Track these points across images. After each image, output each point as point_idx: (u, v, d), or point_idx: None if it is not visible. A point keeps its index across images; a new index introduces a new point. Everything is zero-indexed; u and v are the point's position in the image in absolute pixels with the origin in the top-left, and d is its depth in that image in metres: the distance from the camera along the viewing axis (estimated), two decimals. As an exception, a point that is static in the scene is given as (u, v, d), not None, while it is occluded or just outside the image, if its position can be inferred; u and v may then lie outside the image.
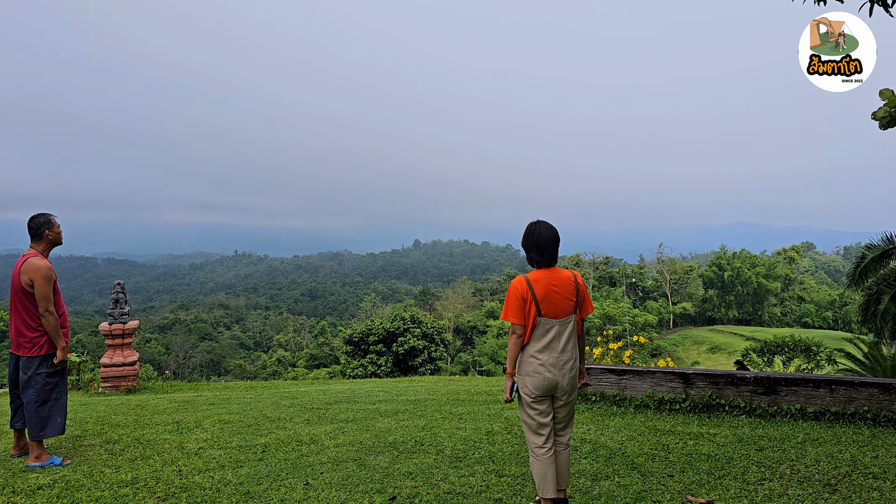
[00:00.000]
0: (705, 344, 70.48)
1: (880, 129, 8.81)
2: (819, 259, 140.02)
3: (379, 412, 8.00)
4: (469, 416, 7.55)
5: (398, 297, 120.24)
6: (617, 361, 11.17)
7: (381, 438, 6.36)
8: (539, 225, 4.13)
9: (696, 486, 4.83)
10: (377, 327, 31.12)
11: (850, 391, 6.89)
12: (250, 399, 9.63)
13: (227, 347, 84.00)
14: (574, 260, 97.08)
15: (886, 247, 12.37)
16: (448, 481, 4.93)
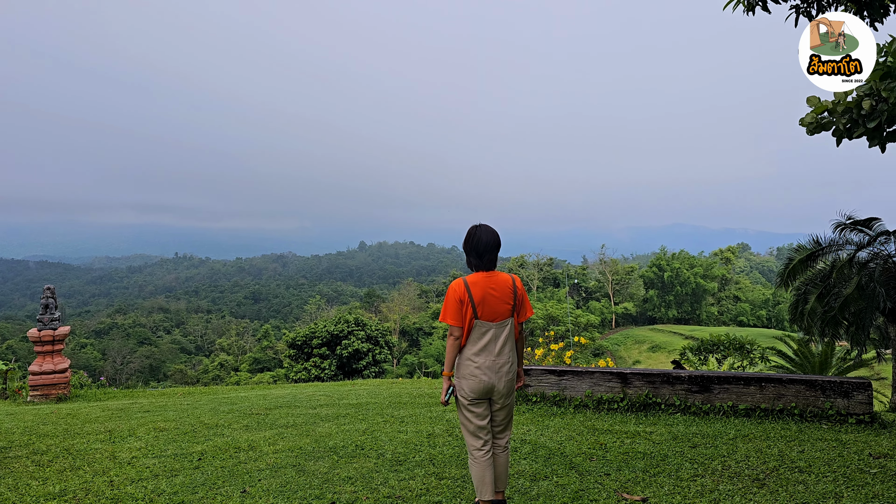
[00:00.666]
0: (646, 343, 72.01)
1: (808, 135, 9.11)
2: (754, 259, 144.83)
3: (320, 416, 7.92)
4: (411, 420, 7.54)
5: (343, 299, 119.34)
6: (558, 362, 11.32)
7: (322, 443, 6.29)
8: (480, 228, 4.14)
9: (631, 483, 4.92)
10: (321, 330, 30.79)
11: (778, 388, 7.15)
12: (187, 405, 9.40)
13: (166, 352, 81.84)
14: (519, 261, 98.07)
15: (813, 249, 12.86)
16: (388, 485, 4.90)
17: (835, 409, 6.96)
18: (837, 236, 12.51)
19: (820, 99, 8.86)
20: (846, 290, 11.55)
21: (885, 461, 5.44)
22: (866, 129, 8.38)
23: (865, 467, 5.26)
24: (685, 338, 59.80)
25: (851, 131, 8.56)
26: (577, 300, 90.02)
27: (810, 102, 8.89)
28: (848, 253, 12.37)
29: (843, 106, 8.63)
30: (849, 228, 12.25)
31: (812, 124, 8.82)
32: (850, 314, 11.93)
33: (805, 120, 8.91)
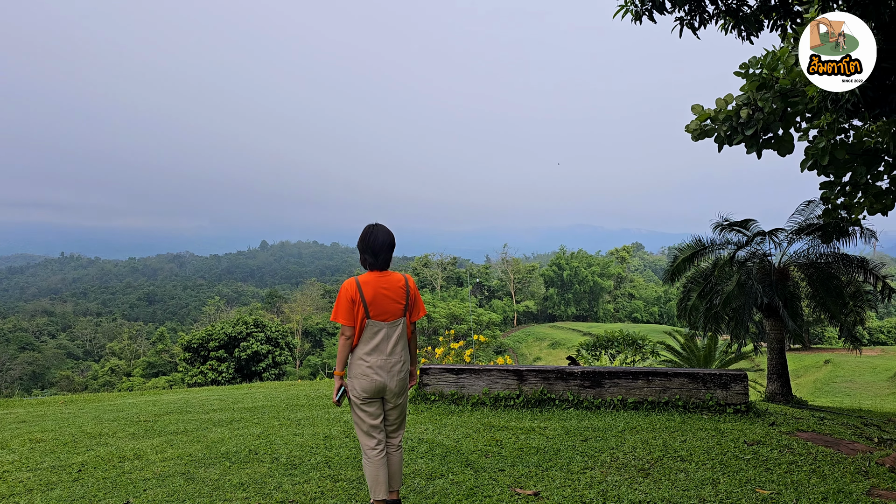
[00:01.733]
0: (546, 340, 73.93)
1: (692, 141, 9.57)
2: (647, 258, 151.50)
3: (213, 422, 7.65)
4: (308, 422, 7.41)
5: (244, 300, 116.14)
6: (459, 360, 11.43)
7: (213, 449, 6.08)
8: (376, 228, 4.14)
9: (525, 478, 5.02)
10: (218, 332, 29.80)
11: (664, 381, 7.50)
12: (69, 414, 8.87)
13: (51, 358, 76.96)
14: (423, 261, 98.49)
15: (696, 248, 13.60)
16: (282, 490, 4.79)
17: (715, 400, 7.37)
18: (718, 236, 13.28)
19: (703, 107, 9.38)
20: (727, 288, 12.27)
21: (757, 448, 5.81)
22: (744, 136, 8.94)
23: (740, 454, 5.60)
24: (583, 334, 61.81)
25: (731, 138, 9.10)
26: (480, 299, 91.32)
27: (694, 110, 9.40)
28: (728, 252, 13.15)
29: (724, 114, 9.17)
30: (728, 229, 13.01)
31: (696, 131, 9.33)
32: (731, 310, 12.69)
33: (690, 126, 9.41)
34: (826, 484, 4.76)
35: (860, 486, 4.70)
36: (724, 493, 4.61)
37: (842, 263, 12.38)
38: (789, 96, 8.42)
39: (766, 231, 12.77)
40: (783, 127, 8.68)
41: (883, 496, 4.48)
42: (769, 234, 12.79)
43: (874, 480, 4.88)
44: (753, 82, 8.61)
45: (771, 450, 5.76)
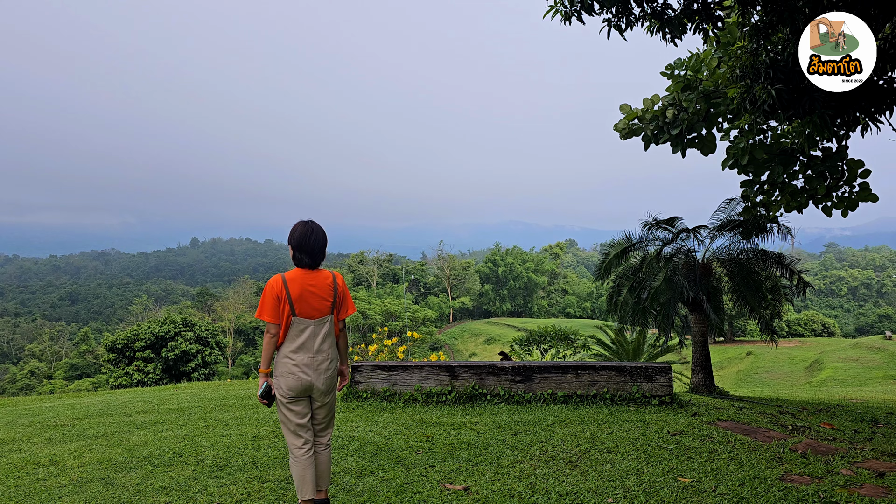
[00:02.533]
0: (482, 336, 74.58)
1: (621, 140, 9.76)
2: (580, 255, 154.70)
3: (135, 424, 7.39)
4: (236, 422, 7.25)
5: (174, 298, 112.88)
6: (392, 357, 11.39)
7: (135, 453, 5.87)
8: (308, 225, 4.09)
9: (455, 473, 5.04)
10: (144, 332, 28.84)
11: (592, 375, 7.66)
12: (-21, 420, 8.43)
13: (-37, 361, 73.06)
14: (358, 258, 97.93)
15: (626, 244, 13.96)
16: (207, 492, 4.67)
17: (641, 392, 7.57)
18: (646, 233, 13.67)
19: (631, 107, 9.61)
20: (655, 283, 12.63)
21: (680, 437, 5.99)
22: (670, 135, 9.21)
23: (664, 444, 5.76)
24: (518, 330, 62.63)
25: (658, 137, 9.36)
26: (416, 296, 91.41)
27: (622, 110, 9.62)
28: (656, 248, 13.55)
29: (651, 114, 9.42)
30: (655, 226, 13.41)
31: (624, 130, 9.56)
32: (658, 304, 13.08)
33: (618, 126, 9.64)
34: (743, 471, 4.95)
35: (774, 472, 4.91)
36: (648, 482, 4.74)
37: (761, 259, 12.93)
38: (712, 97, 8.72)
39: (691, 228, 13.22)
40: (706, 127, 8.98)
41: (795, 481, 4.69)
42: (693, 230, 13.25)
43: (787, 466, 5.10)
44: (678, 83, 8.89)
45: (693, 439, 5.95)
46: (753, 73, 7.18)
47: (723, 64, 8.46)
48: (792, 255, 13.74)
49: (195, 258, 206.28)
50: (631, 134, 9.54)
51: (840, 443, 6.14)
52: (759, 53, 7.21)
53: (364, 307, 69.10)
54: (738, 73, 7.60)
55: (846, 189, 8.54)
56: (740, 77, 7.45)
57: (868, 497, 4.34)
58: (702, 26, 7.57)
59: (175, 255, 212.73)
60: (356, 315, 66.71)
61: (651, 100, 9.23)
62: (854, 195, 8.47)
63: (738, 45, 7.76)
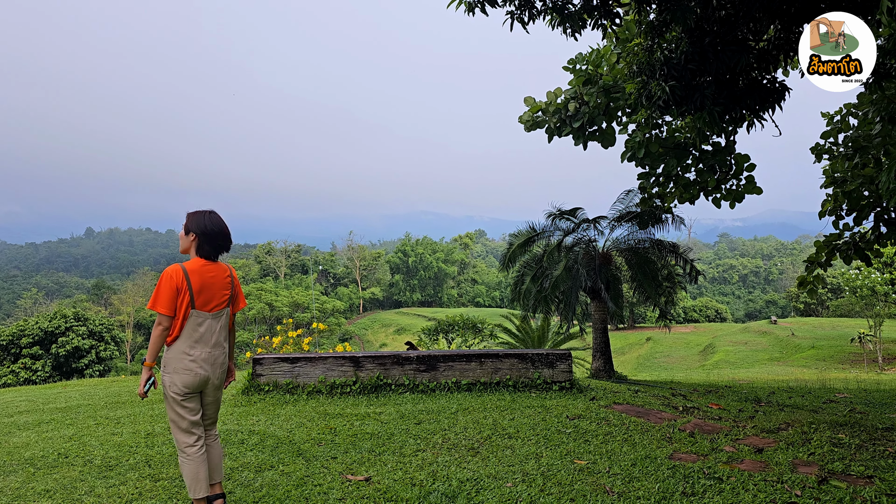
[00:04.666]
0: (392, 326, 74.63)
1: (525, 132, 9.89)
2: (489, 245, 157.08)
3: (17, 425, 6.94)
4: (128, 420, 6.93)
5: (67, 291, 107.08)
6: (297, 349, 11.21)
7: (16, 455, 5.51)
8: (213, 215, 3.96)
9: (357, 464, 5.00)
10: (31, 327, 27.14)
11: (496, 363, 7.78)
12: None
13: None
14: (266, 248, 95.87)
15: (530, 234, 14.29)
16: (94, 494, 4.44)
17: (542, 378, 7.76)
18: (549, 224, 14.02)
19: (535, 99, 9.78)
20: (556, 272, 12.98)
21: (578, 421, 6.18)
22: (572, 128, 9.42)
23: (563, 428, 5.93)
24: (428, 319, 62.96)
25: (560, 129, 9.56)
26: (325, 287, 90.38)
27: (527, 102, 9.78)
28: (558, 238, 13.91)
29: (554, 107, 9.61)
30: (559, 217, 13.77)
31: (528, 122, 9.72)
32: (560, 293, 13.46)
33: (522, 118, 9.79)
34: (636, 451, 5.15)
35: (664, 451, 5.14)
36: (546, 465, 4.86)
37: (657, 248, 13.52)
38: (611, 92, 8.99)
39: (591, 218, 13.67)
40: (606, 120, 9.25)
41: (682, 459, 4.93)
42: (594, 221, 13.70)
43: (676, 445, 5.36)
44: (580, 77, 9.11)
45: (590, 423, 6.15)
46: (649, 70, 7.45)
47: (621, 60, 8.74)
48: (687, 244, 14.44)
49: (90, 249, 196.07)
50: (535, 126, 9.71)
51: (725, 422, 6.49)
52: (654, 51, 7.49)
53: (271, 298, 67.71)
54: (635, 69, 7.87)
55: (734, 182, 9.02)
56: (637, 73, 7.71)
57: (748, 471, 4.61)
58: (601, 22, 7.79)
59: (68, 246, 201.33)
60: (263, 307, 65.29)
61: (554, 93, 9.42)
62: (741, 188, 8.97)
63: (635, 41, 8.03)
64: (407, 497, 4.26)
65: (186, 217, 3.97)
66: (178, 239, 4.05)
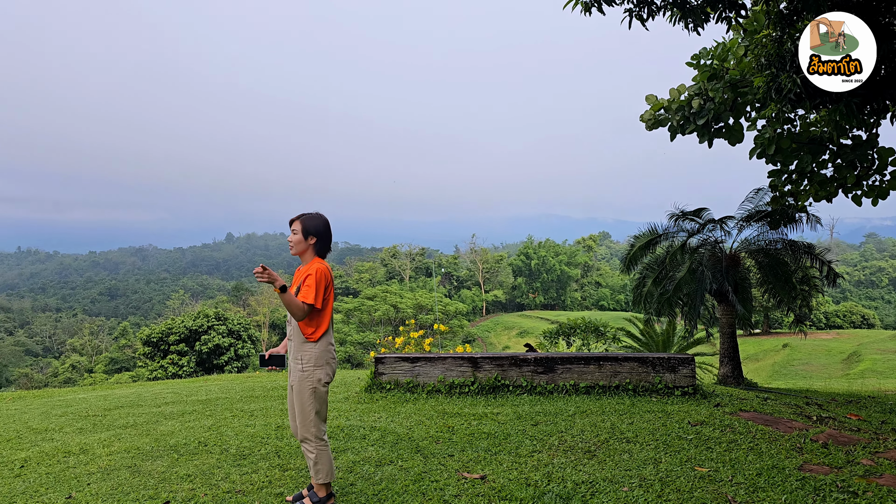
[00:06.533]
0: (515, 329, 74.51)
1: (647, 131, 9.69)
2: (613, 247, 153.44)
3: (164, 415, 7.61)
4: (261, 413, 7.42)
5: (210, 293, 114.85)
6: (419, 350, 11.51)
7: (162, 442, 6.05)
8: (323, 217, 4.26)
9: (473, 463, 5.11)
10: (178, 326, 29.47)
11: (615, 366, 7.66)
12: (15, 411, 8.74)
13: (8, 355, 75.19)
14: (391, 252, 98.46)
15: (651, 236, 13.88)
16: (229, 480, 4.81)
17: (663, 383, 7.56)
18: (672, 225, 13.57)
19: (657, 97, 9.53)
20: (679, 274, 12.53)
21: (700, 428, 5.98)
22: (696, 125, 9.11)
23: (684, 434, 5.76)
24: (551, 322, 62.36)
25: (684, 127, 9.26)
26: (448, 289, 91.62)
27: (648, 100, 9.55)
28: (681, 240, 13.43)
29: (677, 104, 9.32)
30: (682, 218, 13.30)
31: (650, 121, 9.48)
32: (684, 295, 12.99)
33: (644, 116, 9.57)
34: (762, 461, 4.93)
35: (793, 462, 4.89)
36: (665, 471, 4.76)
37: (790, 249, 12.74)
38: (739, 86, 8.61)
39: (717, 219, 13.09)
40: (733, 116, 8.87)
41: (813, 470, 4.67)
42: (720, 221, 13.12)
43: (807, 456, 5.08)
44: (704, 73, 8.79)
45: (713, 429, 5.94)
46: (779, 62, 7.09)
47: (749, 53, 8.35)
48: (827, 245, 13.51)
49: (230, 253, 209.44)
50: (657, 124, 9.46)
51: (864, 433, 6.07)
52: (784, 42, 7.12)
53: (396, 300, 69.47)
54: (763, 61, 7.52)
55: (877, 178, 8.39)
56: (766, 66, 7.36)
57: (886, 487, 4.31)
58: (725, 14, 7.50)
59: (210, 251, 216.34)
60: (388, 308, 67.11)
61: (677, 90, 9.15)
62: (885, 183, 8.33)
63: (764, 33, 7.65)
64: (521, 497, 4.31)
65: (300, 221, 4.19)
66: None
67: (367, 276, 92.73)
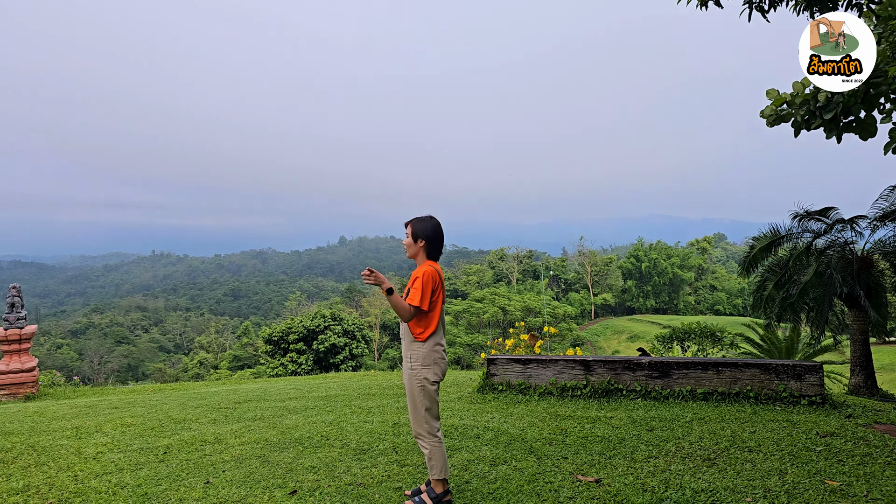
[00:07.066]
0: (625, 333, 72.76)
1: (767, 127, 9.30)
2: (730, 249, 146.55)
3: (288, 409, 8.01)
4: (378, 410, 7.67)
5: (324, 294, 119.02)
6: (529, 352, 11.50)
7: (288, 435, 6.39)
8: (435, 221, 4.37)
9: (587, 466, 5.08)
10: (297, 326, 30.78)
11: (734, 372, 7.37)
12: (157, 402, 9.46)
13: (145, 351, 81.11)
14: (498, 254, 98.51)
15: (772, 238, 13.18)
16: (350, 473, 5.02)
17: (788, 391, 7.19)
18: (795, 225, 12.82)
19: (779, 91, 9.09)
20: (804, 277, 11.85)
21: (830, 439, 5.67)
22: (823, 120, 8.61)
23: (812, 445, 5.48)
24: (662, 327, 60.42)
25: (809, 122, 8.77)
26: (556, 292, 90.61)
27: (769, 95, 9.10)
28: (805, 241, 12.69)
29: (801, 98, 8.85)
30: (806, 218, 12.55)
31: (772, 116, 9.03)
32: (810, 299, 12.26)
33: (765, 112, 9.13)
34: (901, 476, 4.63)
35: (937, 479, 4.55)
36: (792, 483, 4.55)
37: (932, 252, 11.76)
38: (871, 77, 8.09)
39: (847, 219, 12.25)
40: (865, 109, 8.33)
41: (961, 490, 4.33)
42: (850, 221, 12.26)
43: (953, 474, 4.71)
44: (831, 64, 8.30)
45: (845, 442, 5.61)
46: (917, 49, 6.60)
47: (882, 41, 7.82)
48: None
49: (343, 256, 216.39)
50: (779, 120, 8.99)
51: None
52: (922, 27, 6.63)
53: (504, 303, 69.43)
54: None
55: None
56: (902, 54, 6.87)
57: None
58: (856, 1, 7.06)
59: (325, 254, 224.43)
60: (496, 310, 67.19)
61: (801, 83, 8.67)
62: None
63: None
64: (638, 502, 4.26)
65: (411, 225, 4.33)
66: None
67: (475, 279, 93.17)
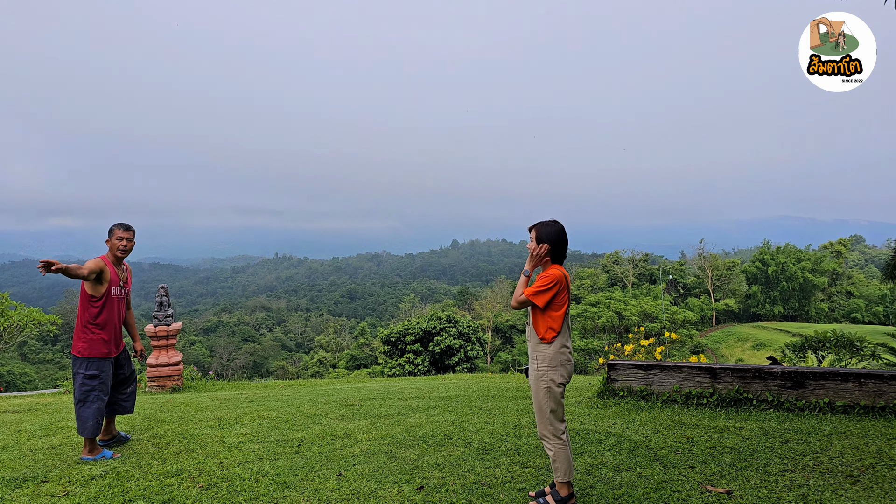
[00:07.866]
0: (749, 341, 69.21)
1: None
2: (869, 252, 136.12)
3: (411, 408, 8.24)
4: (498, 411, 7.74)
5: (437, 297, 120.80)
6: (649, 357, 11.21)
7: (412, 432, 6.58)
8: (558, 225, 4.40)
9: (717, 476, 4.92)
10: (414, 327, 31.47)
11: (879, 384, 6.87)
12: (288, 397, 9.97)
13: (269, 349, 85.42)
14: (613, 257, 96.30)
15: (922, 239, 12.18)
16: (474, 472, 5.11)
17: (941, 406, 6.63)
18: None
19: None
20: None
21: None
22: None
23: (973, 466, 5.04)
24: (792, 335, 57.01)
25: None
26: (674, 297, 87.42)
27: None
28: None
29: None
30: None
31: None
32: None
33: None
34: None
35: None
36: (948, 506, 4.22)
37: None
38: None
39: None
40: None
41: None
42: None
43: None
44: None
45: None
46: None
47: None
48: None
49: (455, 259, 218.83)
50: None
51: None
52: None
53: (620, 307, 67.88)
54: None
55: None
56: None
57: None
58: None
59: (437, 257, 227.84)
60: (611, 315, 65.77)
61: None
62: None
63: None
64: (773, 516, 4.08)
65: (535, 229, 4.38)
66: (528, 250, 4.50)
67: (588, 283, 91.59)
